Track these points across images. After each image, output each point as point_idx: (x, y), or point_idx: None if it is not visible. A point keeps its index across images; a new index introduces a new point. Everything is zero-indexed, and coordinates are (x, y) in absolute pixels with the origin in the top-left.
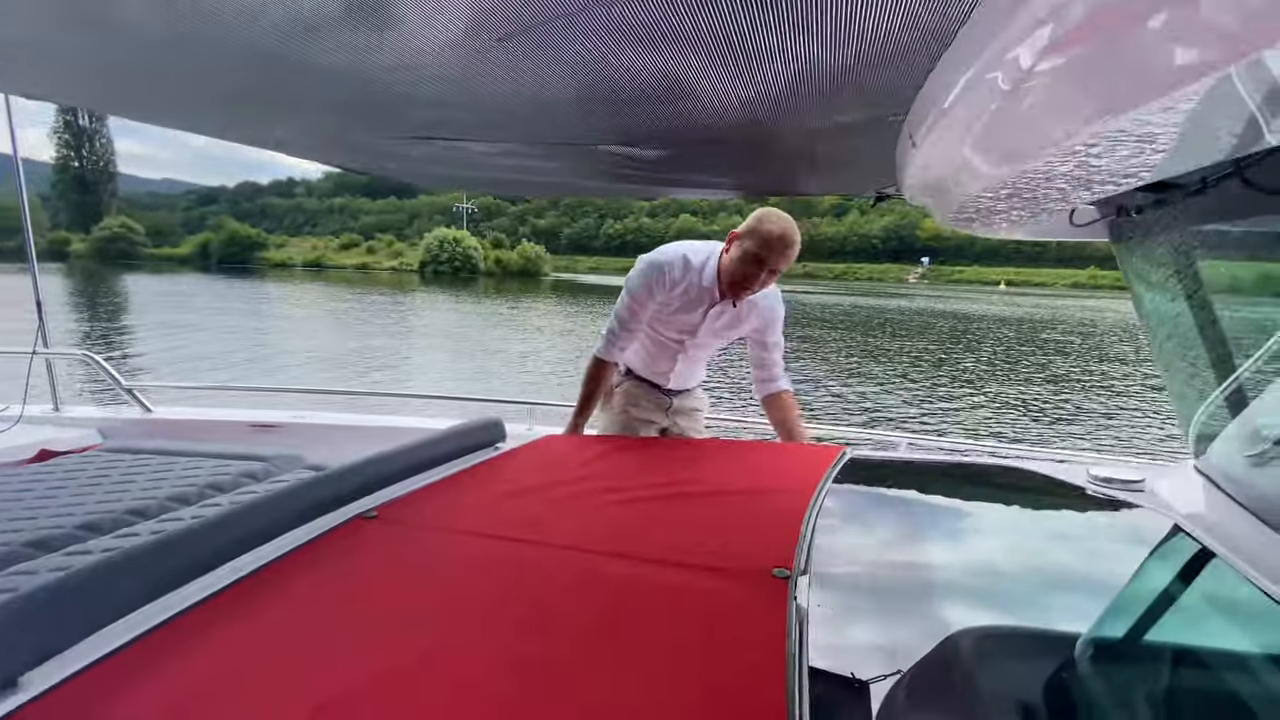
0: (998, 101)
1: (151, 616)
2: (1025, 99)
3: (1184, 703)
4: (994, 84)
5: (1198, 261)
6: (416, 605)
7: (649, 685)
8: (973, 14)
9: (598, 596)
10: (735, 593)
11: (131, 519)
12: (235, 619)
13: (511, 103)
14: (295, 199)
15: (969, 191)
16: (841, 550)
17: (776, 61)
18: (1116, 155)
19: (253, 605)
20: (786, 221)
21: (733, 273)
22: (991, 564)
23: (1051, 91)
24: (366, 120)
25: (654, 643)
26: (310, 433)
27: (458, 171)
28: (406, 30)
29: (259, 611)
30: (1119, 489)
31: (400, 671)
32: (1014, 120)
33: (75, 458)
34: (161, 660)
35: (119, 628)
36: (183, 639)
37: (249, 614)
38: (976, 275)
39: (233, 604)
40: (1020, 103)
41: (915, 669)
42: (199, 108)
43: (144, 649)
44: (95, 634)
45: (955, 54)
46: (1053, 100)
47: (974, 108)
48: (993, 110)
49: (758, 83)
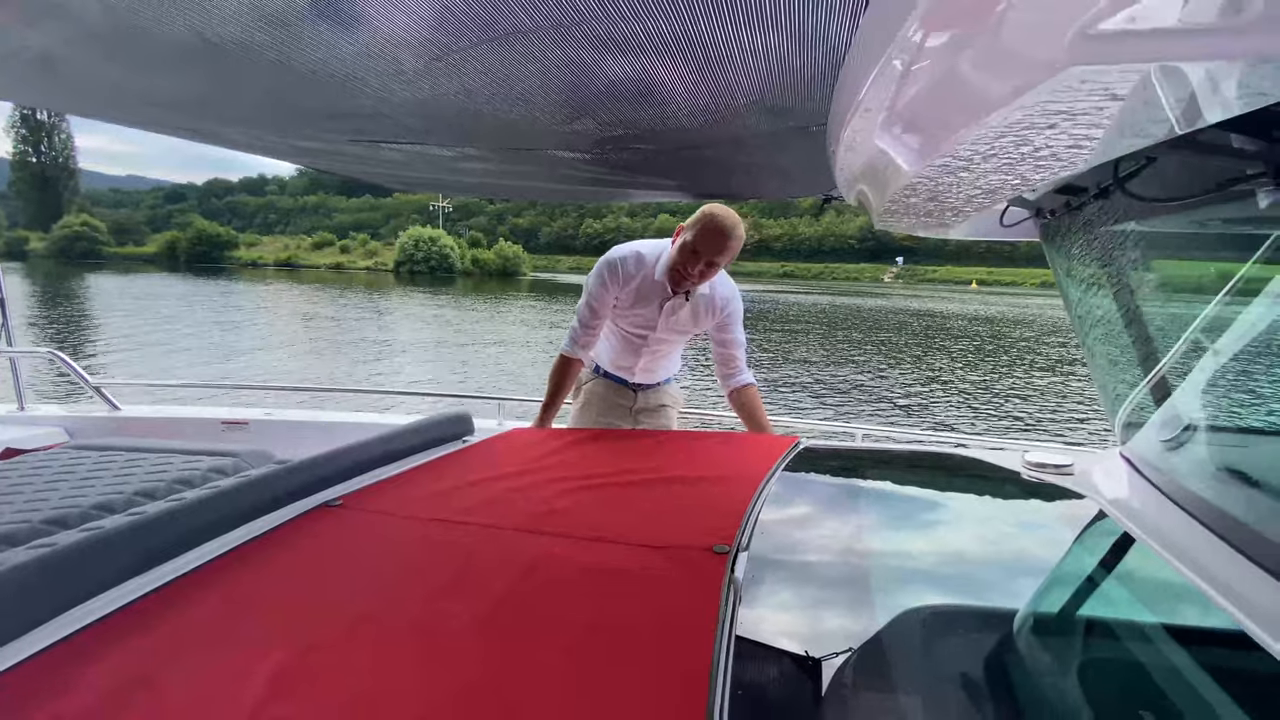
0: (888, 108)
1: (125, 594)
2: (911, 105)
3: (1105, 672)
4: (884, 88)
5: (1117, 259)
6: (368, 582)
7: (580, 649)
8: (864, 16)
9: (543, 571)
10: (676, 567)
11: (98, 514)
12: (204, 596)
13: (476, 101)
14: (267, 196)
15: (886, 193)
16: (784, 530)
17: (739, 64)
18: (1014, 160)
19: (221, 583)
20: (727, 218)
21: (672, 264)
22: (927, 544)
23: (932, 96)
24: (326, 122)
25: (593, 611)
26: (280, 430)
27: (425, 175)
28: (371, 29)
29: (226, 589)
30: (1051, 473)
31: (335, 641)
32: (907, 123)
33: (41, 455)
34: (131, 635)
35: (93, 605)
36: (152, 615)
37: (216, 592)
38: (950, 274)
39: (204, 581)
40: (909, 108)
41: (847, 641)
42: (150, 103)
43: (115, 624)
44: (69, 611)
45: (854, 63)
46: (933, 106)
47: (873, 113)
48: (887, 114)
49: (718, 87)
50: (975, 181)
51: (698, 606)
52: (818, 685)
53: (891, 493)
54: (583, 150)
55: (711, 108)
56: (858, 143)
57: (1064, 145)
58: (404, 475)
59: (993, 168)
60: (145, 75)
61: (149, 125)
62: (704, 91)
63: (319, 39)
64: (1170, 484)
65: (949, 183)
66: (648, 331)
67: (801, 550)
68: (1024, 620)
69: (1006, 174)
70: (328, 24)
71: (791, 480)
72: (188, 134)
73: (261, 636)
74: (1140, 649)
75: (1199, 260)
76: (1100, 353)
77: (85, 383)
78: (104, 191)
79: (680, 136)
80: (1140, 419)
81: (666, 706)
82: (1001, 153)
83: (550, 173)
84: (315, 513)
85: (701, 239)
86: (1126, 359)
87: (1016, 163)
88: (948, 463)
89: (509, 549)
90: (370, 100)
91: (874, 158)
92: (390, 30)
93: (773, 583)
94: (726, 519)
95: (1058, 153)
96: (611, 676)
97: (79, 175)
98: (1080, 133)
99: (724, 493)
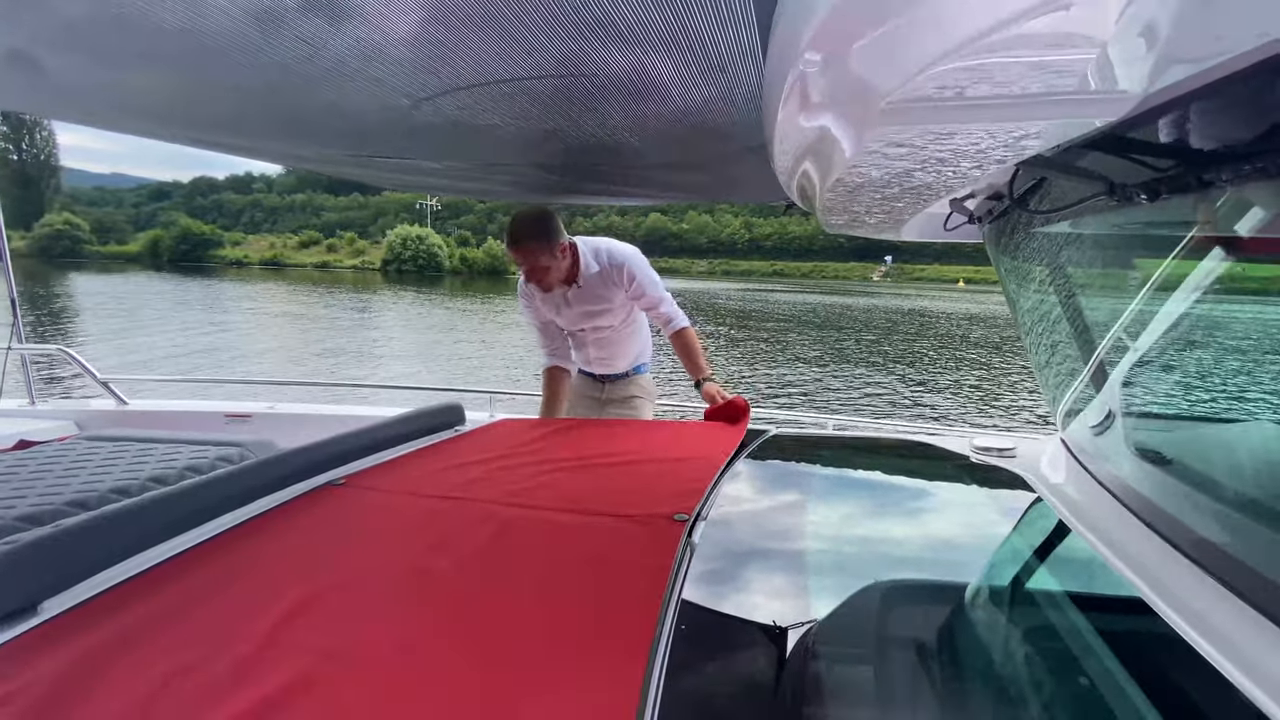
0: (798, 111)
1: (146, 560)
2: (820, 110)
3: (1036, 639)
4: (794, 102)
5: (1050, 258)
6: (368, 544)
7: (541, 605)
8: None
9: (513, 538)
10: (637, 533)
11: (115, 497)
12: (222, 558)
13: (458, 115)
14: (254, 195)
15: (820, 197)
16: (742, 504)
17: (684, 91)
18: (908, 165)
19: (235, 549)
20: (518, 227)
21: (526, 281)
22: (883, 525)
23: (831, 107)
24: (312, 130)
25: (559, 566)
26: (283, 421)
27: (412, 178)
28: (359, 38)
29: (240, 553)
30: (995, 457)
31: (340, 587)
32: (819, 129)
33: (55, 445)
34: (153, 594)
35: (118, 569)
36: (171, 578)
37: (234, 554)
38: (937, 273)
39: (219, 548)
40: (812, 112)
41: (797, 608)
42: (128, 109)
43: (139, 585)
44: (100, 572)
45: (771, 66)
46: (834, 115)
47: (788, 126)
48: (797, 118)
49: (666, 111)
50: (885, 188)
51: (655, 565)
52: (765, 649)
53: (847, 475)
54: (556, 163)
55: (668, 129)
56: (785, 144)
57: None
58: (401, 459)
59: (886, 177)
60: (124, 77)
61: (128, 129)
62: (656, 115)
63: (307, 41)
64: (1096, 466)
65: (862, 188)
66: (569, 325)
67: (757, 522)
68: (973, 593)
69: (910, 184)
70: (318, 22)
71: (755, 462)
72: (167, 137)
73: (274, 588)
74: (1059, 619)
75: (1125, 257)
76: (1041, 345)
77: (94, 377)
78: (87, 189)
79: (651, 154)
80: (1079, 407)
81: (614, 646)
82: (891, 163)
83: (530, 181)
84: (320, 491)
85: (514, 257)
86: (1064, 351)
87: (908, 173)
88: (902, 448)
89: (490, 517)
90: (357, 117)
91: (799, 159)
92: (378, 40)
93: (725, 548)
94: (690, 492)
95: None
96: (571, 617)
97: (61, 173)
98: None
99: (690, 471)
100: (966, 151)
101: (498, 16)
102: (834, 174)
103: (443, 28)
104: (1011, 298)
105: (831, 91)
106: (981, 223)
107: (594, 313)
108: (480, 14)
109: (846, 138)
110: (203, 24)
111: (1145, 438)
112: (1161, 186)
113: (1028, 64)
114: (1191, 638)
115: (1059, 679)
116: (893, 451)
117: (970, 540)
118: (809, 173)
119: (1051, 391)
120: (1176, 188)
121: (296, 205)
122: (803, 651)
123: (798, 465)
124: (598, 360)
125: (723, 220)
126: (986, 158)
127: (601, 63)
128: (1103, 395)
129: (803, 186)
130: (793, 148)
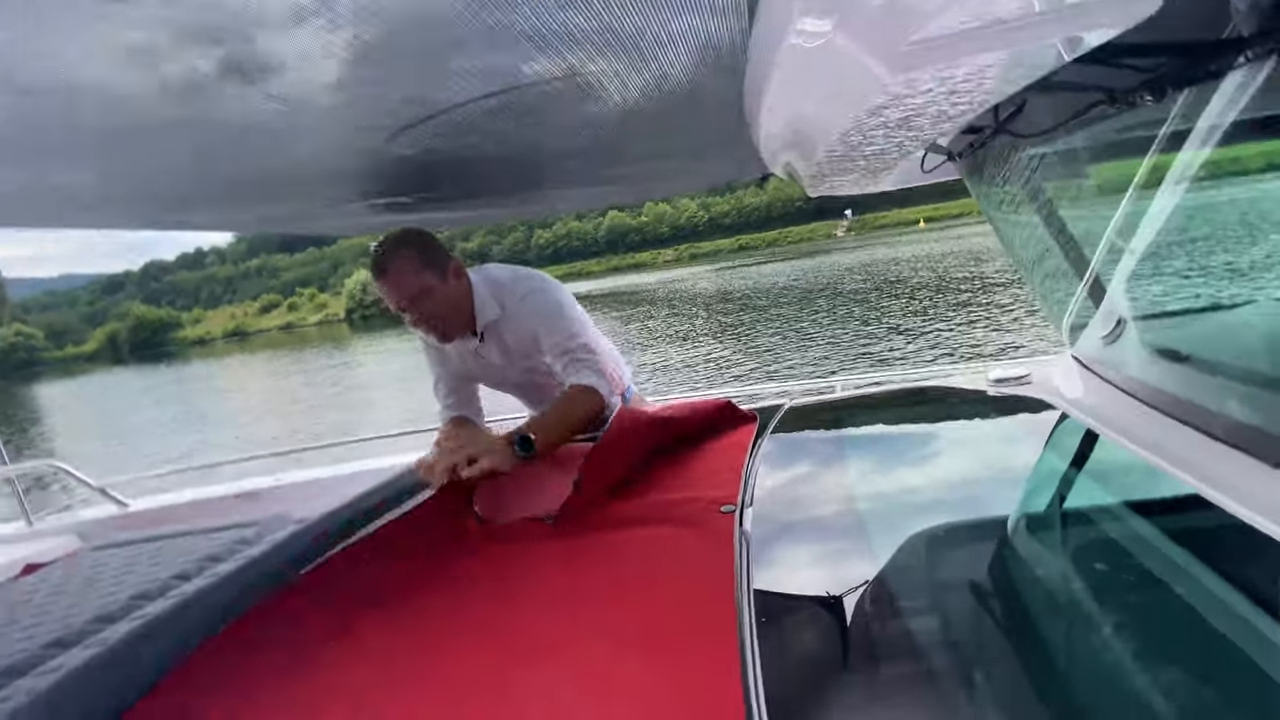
0: (804, 69)
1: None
2: (826, 64)
3: (1089, 556)
4: (798, 52)
5: (1031, 181)
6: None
7: (607, 616)
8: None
9: (566, 550)
10: (687, 534)
11: (139, 603)
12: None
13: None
14: (207, 269)
15: (814, 157)
16: (783, 482)
17: (645, 48)
18: (922, 103)
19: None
20: (377, 260)
21: (412, 328)
22: (920, 474)
23: (843, 56)
24: (252, 190)
25: (616, 581)
26: (294, 492)
27: (360, 220)
28: (287, 83)
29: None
30: (1012, 386)
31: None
32: (824, 83)
33: (63, 563)
34: None
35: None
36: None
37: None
38: (898, 218)
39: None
40: (825, 67)
41: (861, 574)
42: (62, 201)
43: None
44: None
45: (761, 27)
46: (841, 64)
47: (789, 78)
48: (803, 77)
49: (626, 77)
50: (886, 139)
51: (714, 562)
52: (842, 621)
53: (878, 434)
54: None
55: (622, 99)
56: (778, 110)
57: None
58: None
59: (900, 118)
60: (50, 174)
61: (68, 224)
62: (616, 82)
63: (230, 98)
64: (1114, 374)
65: (869, 137)
66: (499, 384)
67: (803, 499)
68: (1016, 524)
69: (914, 126)
70: (237, 85)
71: (783, 437)
72: (109, 225)
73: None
74: (1112, 529)
75: (1102, 165)
76: (1036, 269)
77: (89, 486)
78: (39, 295)
79: (599, 136)
80: (1083, 321)
81: (699, 651)
82: (908, 105)
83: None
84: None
85: (384, 296)
86: (1060, 269)
87: (919, 112)
88: (921, 395)
89: (534, 536)
90: (283, 163)
91: (795, 123)
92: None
93: (781, 533)
94: (724, 481)
95: (942, 111)
96: (646, 628)
97: (4, 285)
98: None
99: (715, 458)
100: (973, 82)
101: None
102: (834, 133)
103: (375, 67)
104: (998, 226)
105: (846, 43)
106: (960, 158)
107: (511, 367)
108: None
109: (862, 88)
110: (119, 110)
111: (1158, 336)
112: (1166, 85)
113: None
114: (1259, 523)
115: (1151, 588)
116: (915, 400)
117: (1020, 472)
118: (806, 137)
119: (1054, 311)
120: (1180, 83)
121: (252, 271)
122: (890, 613)
123: (826, 433)
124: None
125: (680, 205)
126: (994, 85)
127: (542, 69)
128: (1108, 304)
129: (795, 152)
130: (785, 114)
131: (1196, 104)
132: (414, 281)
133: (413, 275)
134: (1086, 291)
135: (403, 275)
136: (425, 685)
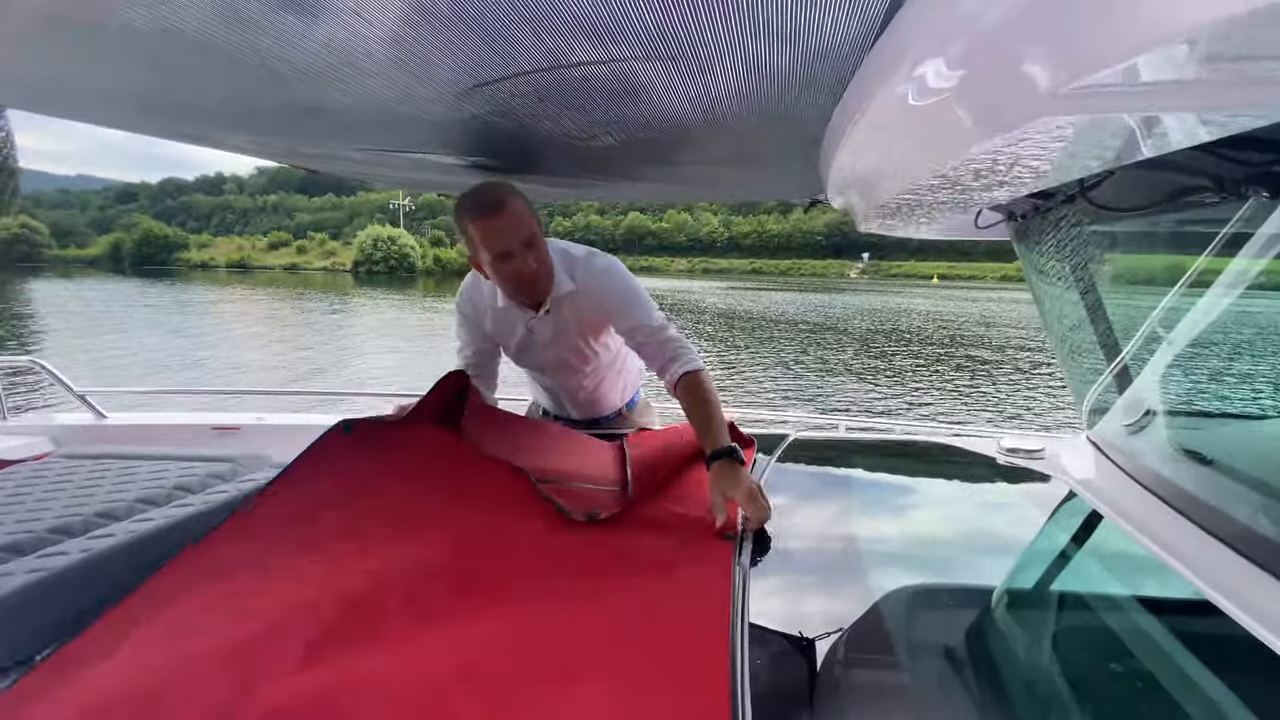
0: (905, 116)
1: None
2: (928, 115)
3: (1077, 641)
4: (903, 99)
5: (1083, 257)
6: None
7: (602, 641)
8: (886, 28)
9: (568, 570)
10: (685, 556)
11: (102, 520)
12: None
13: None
14: (224, 196)
15: (877, 199)
16: (782, 513)
17: (727, 62)
18: (1003, 166)
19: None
20: (487, 199)
21: (505, 282)
22: (917, 528)
23: (949, 109)
24: (296, 123)
25: (617, 604)
26: (274, 433)
27: (393, 173)
28: (338, 24)
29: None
30: (1023, 458)
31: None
32: (918, 134)
33: (32, 465)
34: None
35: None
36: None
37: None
38: (913, 269)
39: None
40: (923, 118)
41: (840, 620)
42: (98, 96)
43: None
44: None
45: (869, 67)
46: (950, 117)
47: (884, 122)
48: (901, 124)
49: (707, 90)
50: (961, 191)
51: (714, 589)
52: (813, 662)
53: (882, 481)
54: (558, 148)
55: (698, 111)
56: (861, 151)
57: (1042, 166)
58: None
59: (977, 181)
60: (93, 67)
61: (96, 119)
62: (691, 94)
63: (282, 32)
64: (1133, 465)
65: (939, 191)
66: (531, 366)
67: (803, 532)
68: (1002, 595)
69: (989, 188)
70: (293, 17)
71: (785, 468)
72: (136, 128)
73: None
74: (1109, 618)
75: (1156, 257)
76: (1067, 343)
77: (69, 390)
78: (50, 192)
79: (663, 137)
80: (1105, 405)
81: (691, 680)
82: (990, 169)
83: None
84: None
85: (493, 235)
86: (1091, 349)
87: (1002, 175)
88: (929, 451)
89: (537, 547)
90: (336, 103)
91: (873, 167)
92: (357, 28)
93: (780, 563)
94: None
95: (1036, 170)
96: (639, 657)
97: (19, 175)
98: (1057, 156)
99: None
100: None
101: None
102: (912, 181)
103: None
104: (1038, 293)
105: (981, 85)
106: (1019, 219)
107: (566, 348)
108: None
109: (944, 153)
110: (178, 23)
111: (1183, 435)
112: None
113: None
114: (1259, 633)
115: (1140, 681)
116: (923, 454)
117: (1021, 544)
118: (883, 178)
119: (1078, 389)
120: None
121: (268, 206)
122: (861, 664)
123: (832, 470)
124: (581, 404)
125: (702, 218)
126: (1105, 152)
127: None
128: (1136, 393)
129: (857, 188)
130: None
131: (1262, 209)
132: (529, 224)
133: (529, 217)
134: (1113, 377)
135: (520, 215)
136: (402, 668)
